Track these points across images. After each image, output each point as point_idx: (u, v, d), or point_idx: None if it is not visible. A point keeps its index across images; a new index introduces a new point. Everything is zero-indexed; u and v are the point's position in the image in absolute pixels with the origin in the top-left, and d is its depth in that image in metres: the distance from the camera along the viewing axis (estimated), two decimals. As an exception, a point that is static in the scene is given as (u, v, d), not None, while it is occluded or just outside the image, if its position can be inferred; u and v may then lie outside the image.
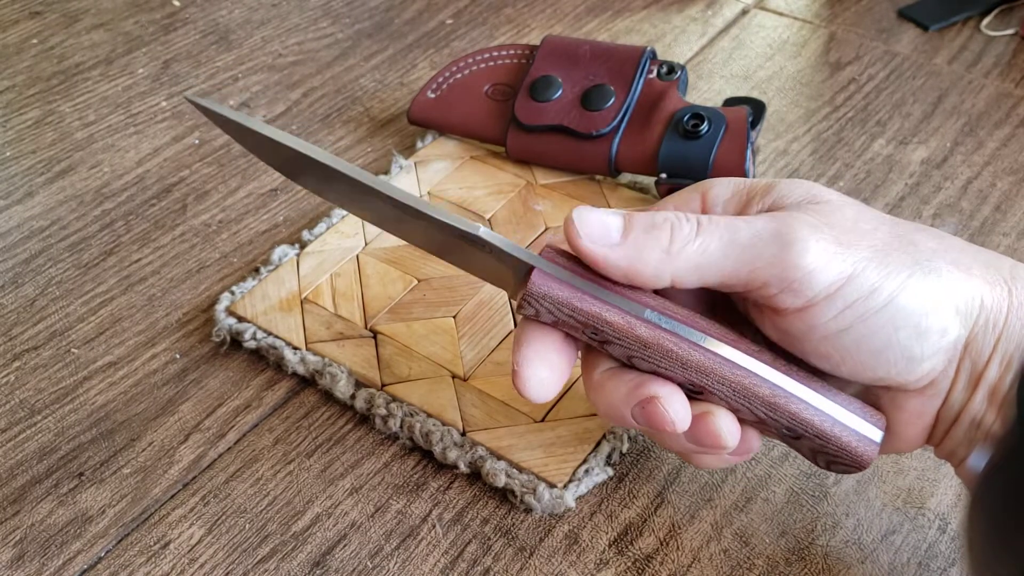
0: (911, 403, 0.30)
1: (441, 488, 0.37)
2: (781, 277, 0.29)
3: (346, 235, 0.46)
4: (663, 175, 0.46)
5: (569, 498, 0.35)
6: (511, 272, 0.32)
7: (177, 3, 0.65)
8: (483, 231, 0.31)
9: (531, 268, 0.30)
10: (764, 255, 0.29)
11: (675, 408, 0.30)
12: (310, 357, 0.40)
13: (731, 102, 0.50)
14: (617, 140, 0.47)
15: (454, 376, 0.40)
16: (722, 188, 0.33)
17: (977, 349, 0.29)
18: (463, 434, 0.37)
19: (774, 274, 0.29)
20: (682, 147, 0.46)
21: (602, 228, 0.30)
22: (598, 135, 0.48)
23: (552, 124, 0.48)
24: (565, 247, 0.31)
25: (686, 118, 0.46)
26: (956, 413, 0.30)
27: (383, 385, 0.39)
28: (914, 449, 0.32)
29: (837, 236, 0.29)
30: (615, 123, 0.48)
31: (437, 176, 0.49)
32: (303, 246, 0.46)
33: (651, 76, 0.49)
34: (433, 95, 0.52)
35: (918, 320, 0.28)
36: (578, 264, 0.31)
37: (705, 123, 0.46)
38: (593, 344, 0.32)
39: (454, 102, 0.51)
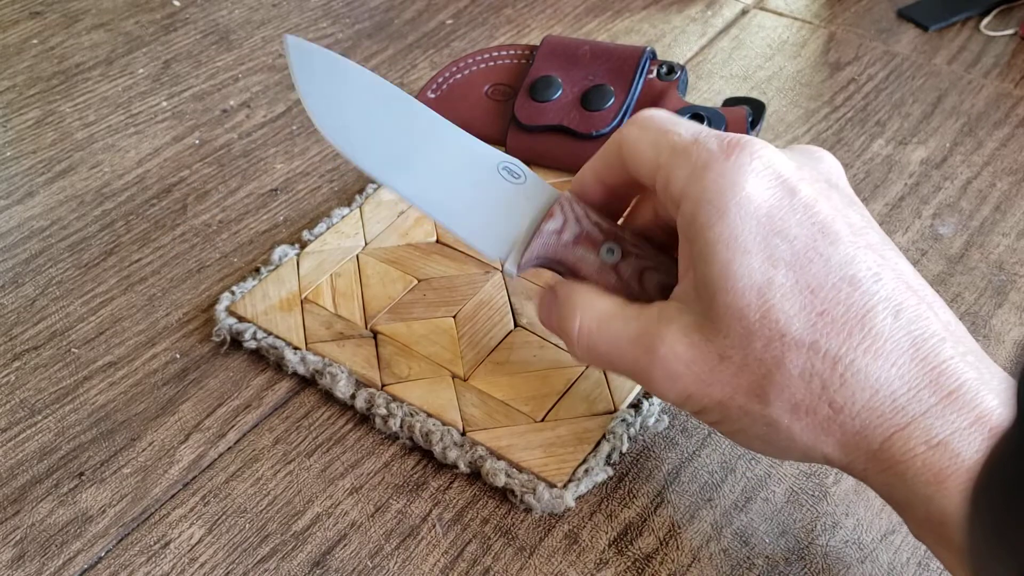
0: None
1: (441, 488, 0.37)
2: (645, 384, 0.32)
3: (346, 235, 0.46)
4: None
5: (569, 498, 0.35)
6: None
7: (177, 3, 0.65)
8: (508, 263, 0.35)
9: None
10: (630, 366, 0.32)
11: None
12: (310, 357, 0.40)
13: (731, 102, 0.51)
14: None
15: (454, 376, 0.40)
16: (641, 150, 0.33)
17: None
18: (463, 434, 0.37)
19: (640, 381, 0.33)
20: None
21: (546, 305, 0.35)
22: (598, 135, 0.48)
23: (552, 124, 0.48)
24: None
25: (686, 118, 0.46)
26: None
27: (383, 385, 0.39)
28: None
29: (697, 374, 0.30)
30: (615, 123, 0.48)
31: (437, 176, 0.49)
32: (303, 246, 0.46)
33: (651, 76, 0.49)
34: (433, 95, 0.52)
35: (764, 450, 0.32)
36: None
37: (705, 123, 0.46)
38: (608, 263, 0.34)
39: (454, 102, 0.51)
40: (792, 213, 0.29)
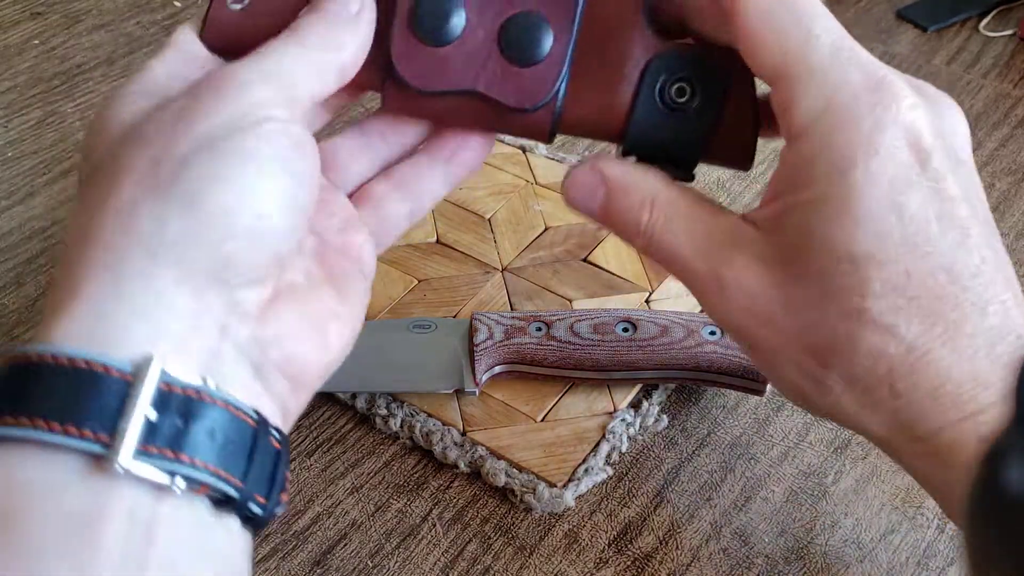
0: None
1: (441, 487, 0.37)
2: None
3: (347, 235, 0.46)
4: (631, 158, 0.30)
5: (569, 497, 0.36)
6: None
7: (178, 3, 0.65)
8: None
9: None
10: (687, 277, 0.29)
11: None
12: (311, 357, 0.40)
13: None
14: (560, 100, 0.29)
15: (454, 376, 0.40)
16: (766, 39, 0.28)
17: None
18: (463, 434, 0.38)
19: (694, 293, 0.30)
20: (663, 118, 0.29)
21: (587, 193, 0.30)
22: (534, 109, 0.29)
23: (459, 89, 0.29)
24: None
25: (668, 83, 0.29)
26: None
27: (383, 385, 0.39)
28: None
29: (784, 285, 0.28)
30: (559, 84, 0.29)
31: (437, 176, 0.49)
32: (304, 246, 0.46)
33: None
34: (238, 5, 0.29)
35: None
36: None
37: (694, 93, 0.29)
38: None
39: (274, 17, 0.29)
40: (917, 189, 0.27)
